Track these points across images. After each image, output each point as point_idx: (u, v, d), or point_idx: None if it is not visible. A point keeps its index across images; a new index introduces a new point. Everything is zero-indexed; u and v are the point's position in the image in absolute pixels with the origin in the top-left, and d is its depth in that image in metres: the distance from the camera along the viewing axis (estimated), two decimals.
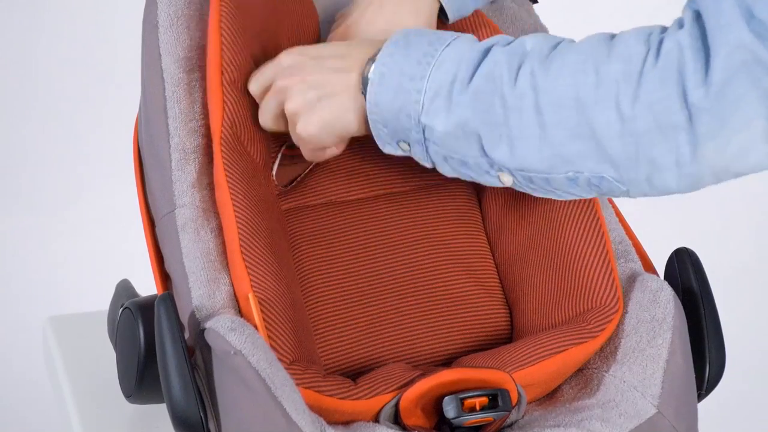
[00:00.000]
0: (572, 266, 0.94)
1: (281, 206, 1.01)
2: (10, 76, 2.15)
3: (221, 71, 0.92)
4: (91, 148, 2.10)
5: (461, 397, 0.84)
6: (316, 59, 0.92)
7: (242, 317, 0.85)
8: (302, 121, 0.90)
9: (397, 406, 0.85)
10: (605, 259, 0.93)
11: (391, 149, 0.90)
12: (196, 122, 0.93)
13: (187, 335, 0.87)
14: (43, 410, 1.57)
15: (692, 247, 0.97)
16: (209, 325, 0.83)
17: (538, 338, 0.90)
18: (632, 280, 0.94)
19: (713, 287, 0.94)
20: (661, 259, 0.98)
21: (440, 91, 0.85)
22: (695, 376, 0.91)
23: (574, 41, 0.85)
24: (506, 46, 0.85)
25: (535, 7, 1.09)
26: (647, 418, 0.86)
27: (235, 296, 0.87)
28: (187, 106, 0.93)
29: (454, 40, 0.87)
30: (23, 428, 1.73)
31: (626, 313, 0.92)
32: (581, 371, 0.93)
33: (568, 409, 0.89)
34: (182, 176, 0.91)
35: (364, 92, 0.88)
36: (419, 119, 0.86)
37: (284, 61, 0.93)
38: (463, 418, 0.84)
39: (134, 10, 1.75)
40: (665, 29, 0.81)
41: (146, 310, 0.94)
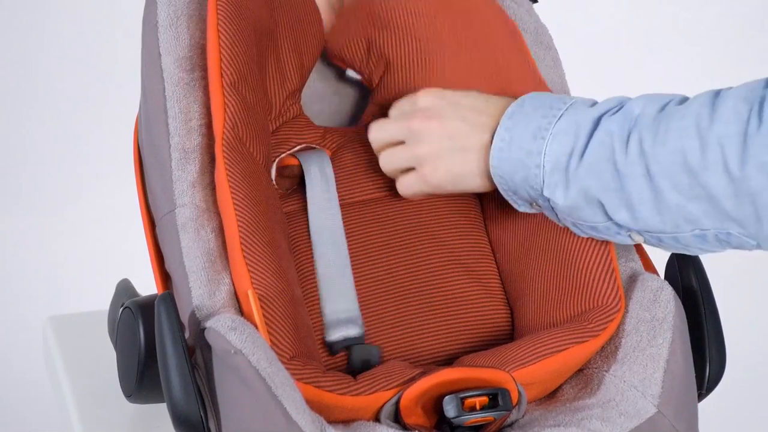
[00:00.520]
0: (574, 265, 0.94)
1: (286, 208, 1.02)
2: (10, 76, 2.15)
3: (221, 74, 0.93)
4: (91, 148, 2.10)
5: (461, 396, 0.84)
6: (454, 106, 0.95)
7: (243, 316, 0.86)
8: (431, 167, 0.95)
9: (397, 404, 0.85)
10: (607, 258, 0.93)
11: (526, 209, 0.95)
12: (196, 121, 0.93)
13: (187, 335, 0.87)
14: (43, 410, 1.57)
15: None
16: (209, 324, 0.84)
17: (539, 337, 0.90)
18: (633, 279, 0.94)
19: (714, 287, 0.95)
20: (661, 258, 0.98)
21: (557, 165, 0.88)
22: (696, 375, 0.91)
23: (680, 101, 0.87)
24: (616, 114, 0.88)
25: (535, 6, 1.10)
26: (647, 417, 0.86)
27: (235, 295, 0.88)
28: (186, 105, 0.93)
29: (566, 109, 0.90)
30: (23, 428, 1.73)
31: (627, 312, 0.92)
32: (582, 371, 0.93)
33: (568, 408, 0.89)
34: (182, 176, 0.92)
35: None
36: (542, 192, 0.90)
37: (421, 101, 0.97)
38: (463, 417, 0.84)
39: (134, 10, 1.75)
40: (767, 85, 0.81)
41: (146, 309, 0.95)
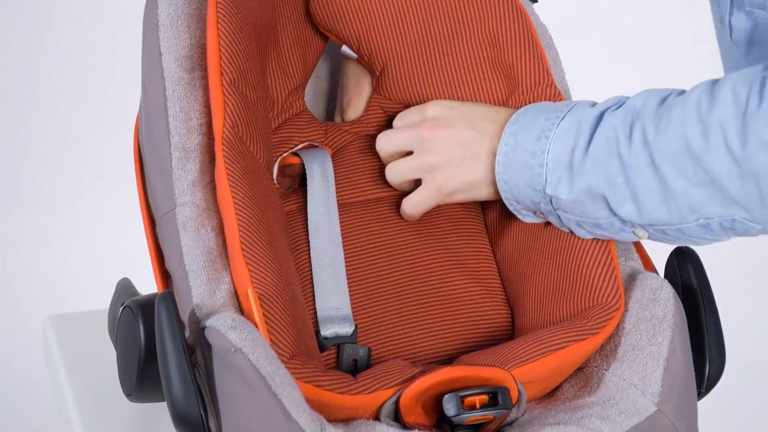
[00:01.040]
0: (574, 264, 0.95)
1: (286, 207, 1.02)
2: (10, 76, 2.16)
3: (221, 73, 0.93)
4: (91, 148, 2.11)
5: (461, 395, 0.84)
6: (464, 115, 0.97)
7: (243, 315, 0.86)
8: (443, 176, 0.97)
9: (397, 403, 0.85)
10: (607, 256, 0.94)
11: (530, 219, 0.96)
12: (196, 120, 0.94)
13: (187, 334, 0.88)
14: (43, 409, 1.58)
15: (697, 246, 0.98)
16: (209, 323, 0.84)
17: (538, 335, 0.91)
18: (632, 278, 0.95)
19: (713, 286, 0.95)
20: (661, 257, 0.98)
21: (560, 162, 0.90)
22: (695, 374, 0.92)
23: (680, 92, 0.88)
24: (618, 109, 0.90)
25: (535, 6, 1.10)
26: (647, 415, 0.86)
27: (235, 294, 0.88)
28: (187, 104, 0.94)
29: (569, 111, 0.92)
30: (23, 427, 1.73)
31: (626, 311, 0.92)
32: (582, 369, 0.94)
33: (568, 407, 0.89)
34: (183, 175, 0.92)
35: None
36: (545, 191, 0.92)
37: (430, 111, 0.99)
38: (463, 415, 0.84)
39: (134, 9, 1.76)
40: (767, 68, 0.83)
41: (146, 308, 0.95)
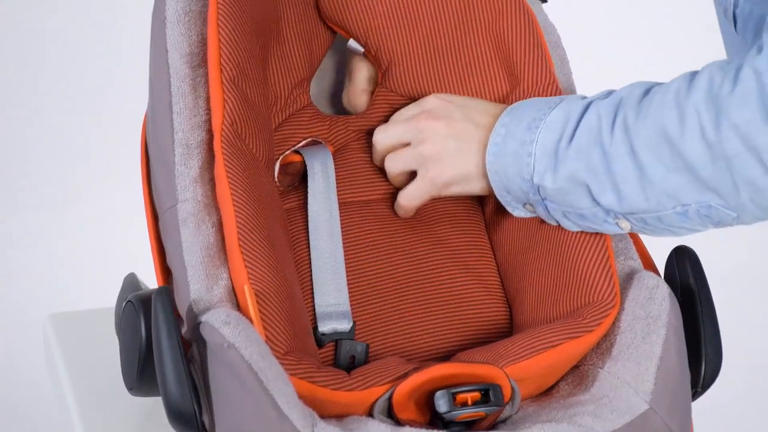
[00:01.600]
0: (571, 261, 0.96)
1: (286, 205, 1.04)
2: (10, 75, 2.17)
3: (220, 69, 0.94)
4: (92, 146, 2.12)
5: (453, 391, 0.85)
6: (461, 108, 0.99)
7: (239, 311, 0.87)
8: (438, 167, 0.99)
9: (390, 399, 0.86)
10: (604, 255, 0.95)
11: (520, 213, 0.98)
12: (200, 117, 0.95)
13: (185, 329, 0.89)
14: (43, 408, 1.58)
15: (694, 245, 0.98)
16: (204, 318, 0.85)
17: (533, 332, 0.91)
18: (630, 277, 0.95)
19: (712, 285, 0.96)
20: (662, 257, 0.99)
21: (547, 150, 0.92)
22: (691, 374, 0.93)
23: (664, 83, 0.89)
24: (604, 99, 0.92)
25: (544, 6, 1.11)
26: (639, 414, 0.87)
27: (233, 290, 0.89)
28: (191, 101, 0.95)
29: (560, 102, 0.94)
30: (24, 426, 1.74)
31: (622, 310, 0.93)
32: (578, 367, 0.94)
33: (561, 404, 0.90)
34: (185, 171, 0.93)
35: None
36: (532, 180, 0.93)
37: (428, 103, 1.01)
38: (454, 412, 0.85)
39: (135, 10, 1.77)
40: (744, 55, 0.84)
41: (147, 303, 0.95)
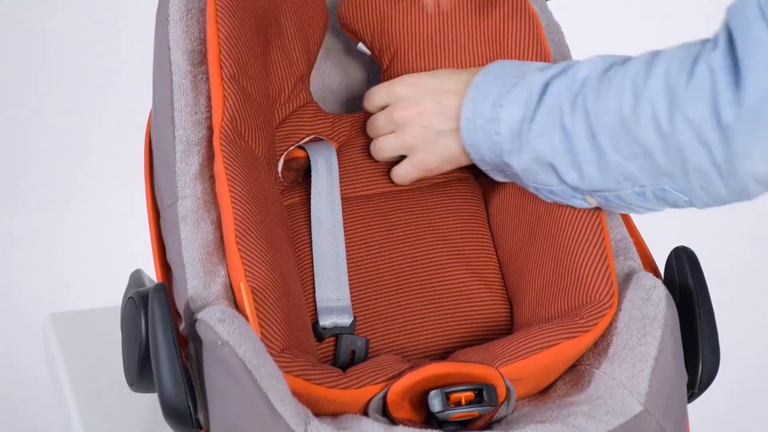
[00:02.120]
0: (569, 261, 0.96)
1: (288, 201, 1.04)
2: (10, 75, 2.17)
3: (220, 66, 0.95)
4: (92, 146, 2.12)
5: (447, 391, 0.86)
6: (427, 92, 1.01)
7: (236, 308, 0.88)
8: (421, 155, 1.01)
9: (385, 398, 0.87)
10: (602, 254, 0.95)
11: (501, 179, 1.00)
12: (201, 114, 0.96)
13: (182, 326, 0.90)
14: (43, 407, 1.58)
15: (694, 245, 0.99)
16: (200, 315, 0.86)
17: (530, 332, 0.92)
18: (628, 277, 0.96)
19: (711, 286, 0.96)
20: (662, 256, 1.00)
21: (513, 131, 0.94)
22: (688, 375, 0.93)
23: (625, 59, 0.91)
24: (562, 76, 0.93)
25: (549, 4, 1.11)
26: (633, 415, 0.87)
27: (230, 287, 0.90)
28: (193, 98, 0.96)
29: (522, 76, 0.95)
30: (23, 425, 1.74)
31: (620, 310, 0.94)
32: (575, 368, 0.95)
33: (557, 404, 0.90)
34: (185, 168, 0.94)
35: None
36: (503, 158, 0.95)
37: (398, 90, 1.02)
38: (448, 412, 0.85)
39: (135, 10, 1.78)
40: (704, 44, 0.85)
41: (148, 300, 0.98)
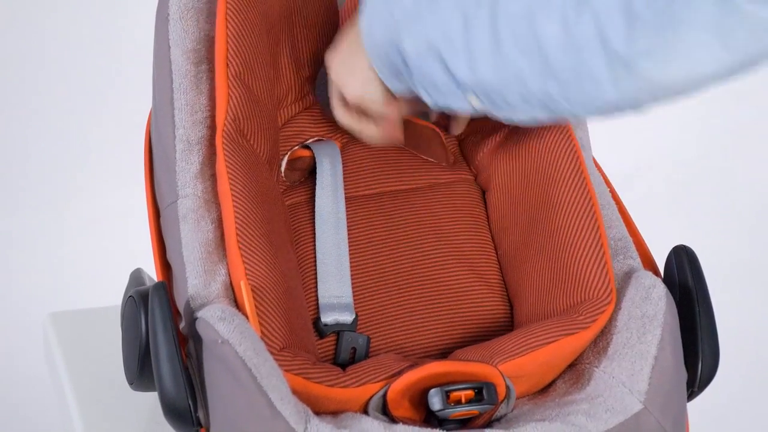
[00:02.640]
0: (567, 259, 0.97)
1: (292, 199, 1.05)
2: (10, 75, 2.18)
3: (226, 64, 0.96)
4: (92, 146, 2.12)
5: (447, 389, 0.86)
6: (342, 47, 1.01)
7: (237, 307, 0.89)
8: (347, 90, 1.00)
9: (385, 397, 0.87)
10: (599, 252, 0.96)
11: (397, 87, 0.97)
12: (201, 113, 0.97)
13: (182, 324, 0.91)
14: (43, 407, 1.59)
15: (694, 244, 0.99)
16: (200, 314, 0.87)
17: (529, 329, 0.92)
18: (628, 276, 0.96)
19: (710, 285, 0.97)
20: (662, 255, 1.00)
21: (408, 11, 0.90)
22: (688, 373, 0.93)
23: None
24: None
25: None
26: (633, 413, 0.88)
27: (231, 286, 0.90)
28: (193, 97, 0.97)
29: None
30: (23, 425, 1.74)
31: (619, 309, 0.94)
32: (575, 366, 0.95)
33: (557, 403, 0.91)
34: (186, 167, 0.95)
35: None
36: (399, 47, 0.92)
37: (327, 63, 1.03)
38: (448, 410, 0.86)
39: (135, 10, 1.79)
40: None
41: (148, 298, 0.98)
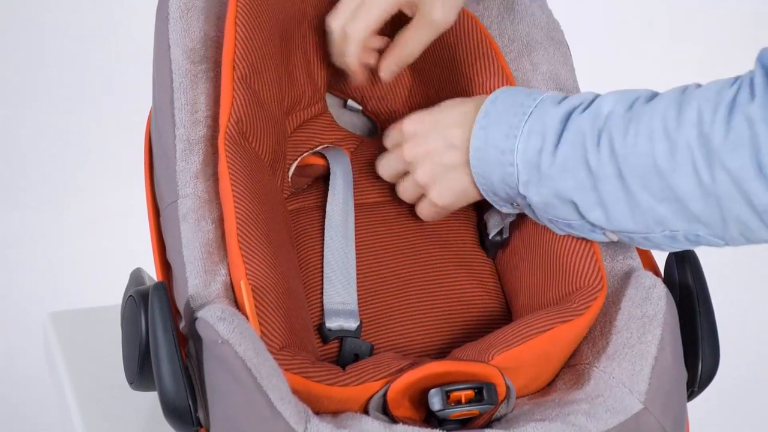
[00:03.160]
0: (556, 253, 0.98)
1: (301, 204, 1.06)
2: (10, 75, 2.18)
3: (233, 67, 0.96)
4: (91, 145, 2.12)
5: (447, 389, 0.87)
6: (435, 127, 0.99)
7: (237, 307, 0.89)
8: (435, 192, 1.00)
9: (385, 396, 0.88)
10: (587, 242, 0.96)
11: (508, 209, 0.99)
12: (201, 113, 0.97)
13: (182, 324, 0.91)
14: (43, 406, 1.60)
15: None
16: (200, 314, 0.87)
17: (524, 320, 0.93)
18: (628, 276, 0.97)
19: (711, 285, 0.97)
20: (662, 255, 1.00)
21: (530, 163, 0.92)
22: (688, 373, 0.94)
23: (648, 98, 0.90)
24: (585, 111, 0.91)
25: (548, 1, 1.13)
26: (633, 413, 0.88)
27: (231, 286, 0.91)
28: (193, 97, 0.97)
29: (535, 106, 0.93)
30: (23, 424, 1.75)
31: (619, 309, 0.95)
32: (574, 366, 0.96)
33: (557, 403, 0.91)
34: (186, 167, 0.95)
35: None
36: (518, 190, 0.94)
37: (406, 127, 1.02)
38: (448, 410, 0.86)
39: (135, 9, 1.79)
40: (737, 87, 0.84)
41: (148, 298, 0.99)
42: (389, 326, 1.02)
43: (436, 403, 0.87)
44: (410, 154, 1.01)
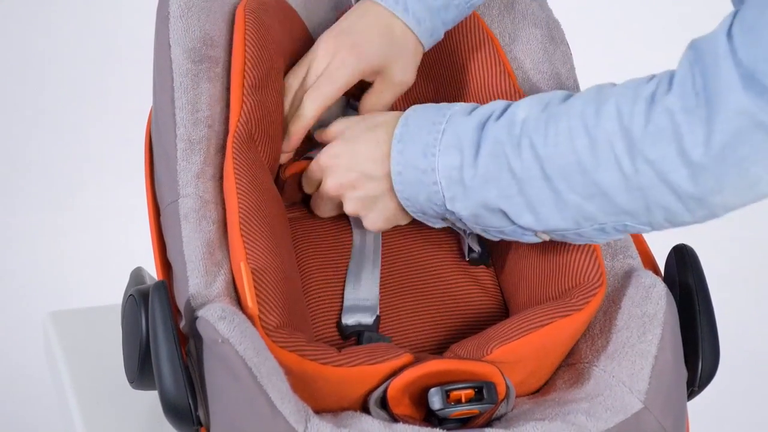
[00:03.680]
0: (555, 251, 0.98)
1: (290, 214, 1.06)
2: (11, 74, 2.18)
3: (243, 76, 0.97)
4: (91, 144, 2.12)
5: (447, 388, 0.87)
6: (351, 160, 0.99)
7: (237, 298, 0.89)
8: (368, 220, 1.00)
9: (385, 393, 0.88)
10: None
11: (440, 224, 0.99)
12: (202, 113, 0.97)
13: (183, 323, 0.91)
14: (43, 406, 1.60)
15: (694, 244, 1.00)
16: (200, 313, 0.87)
17: (523, 314, 0.93)
18: (628, 275, 0.97)
19: (711, 284, 0.97)
20: (662, 254, 1.01)
21: (452, 179, 0.92)
22: (688, 372, 0.94)
23: (562, 98, 0.90)
24: (499, 119, 0.91)
25: (549, 1, 1.13)
26: (633, 413, 0.88)
27: (232, 284, 0.91)
28: (194, 96, 0.97)
29: (447, 122, 0.94)
30: (24, 424, 1.75)
31: (619, 308, 0.95)
32: (574, 366, 0.96)
33: (557, 402, 0.91)
34: (187, 166, 0.95)
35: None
36: (446, 207, 0.94)
37: (323, 161, 1.01)
38: (448, 409, 0.87)
39: (135, 9, 1.80)
40: (654, 84, 0.85)
41: (148, 297, 0.99)
42: (386, 325, 1.02)
43: (436, 402, 0.87)
44: (333, 191, 1.01)
